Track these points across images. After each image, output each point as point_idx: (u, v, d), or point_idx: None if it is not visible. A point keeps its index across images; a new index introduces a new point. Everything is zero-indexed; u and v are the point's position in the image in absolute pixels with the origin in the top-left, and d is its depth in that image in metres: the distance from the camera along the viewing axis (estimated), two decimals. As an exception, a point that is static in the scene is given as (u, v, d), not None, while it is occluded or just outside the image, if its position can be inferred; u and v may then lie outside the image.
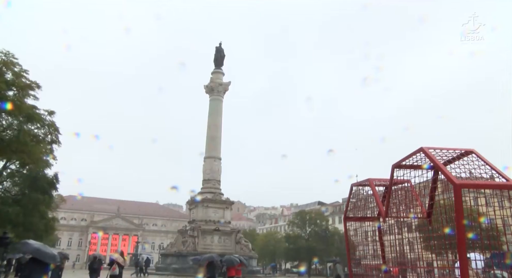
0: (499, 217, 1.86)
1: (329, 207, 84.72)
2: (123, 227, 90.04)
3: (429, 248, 2.65)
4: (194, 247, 39.76)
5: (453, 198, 1.63)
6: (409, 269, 3.00)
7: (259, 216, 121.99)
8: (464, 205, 1.69)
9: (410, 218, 2.69)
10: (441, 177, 2.07)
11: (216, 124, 47.92)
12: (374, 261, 3.08)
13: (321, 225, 59.67)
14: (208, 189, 45.27)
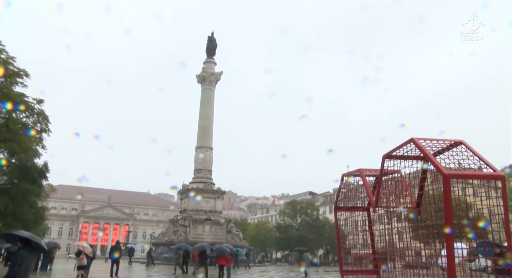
0: (486, 207, 1.90)
1: (320, 197, 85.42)
2: (114, 217, 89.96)
3: (417, 238, 2.70)
4: (185, 237, 39.94)
5: (442, 188, 1.66)
6: (397, 258, 3.06)
7: (251, 206, 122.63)
8: (452, 195, 1.72)
9: (399, 208, 2.73)
10: (430, 167, 2.10)
11: (207, 114, 47.80)
12: (364, 250, 3.13)
13: (312, 215, 60.21)
14: (200, 179, 45.34)
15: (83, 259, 13.26)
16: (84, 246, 13.67)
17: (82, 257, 13.26)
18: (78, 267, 13.34)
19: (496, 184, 1.83)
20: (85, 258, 13.42)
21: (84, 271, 13.50)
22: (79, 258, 13.33)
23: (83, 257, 13.27)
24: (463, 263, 3.12)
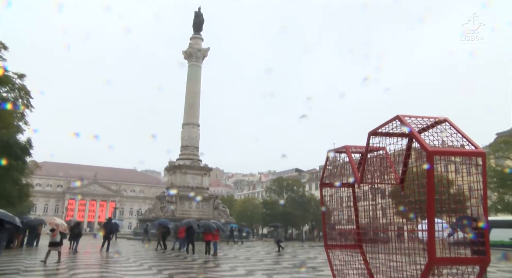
0: (466, 183, 1.96)
1: (306, 174, 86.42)
2: (100, 193, 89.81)
3: (400, 213, 2.78)
4: (172, 213, 40.23)
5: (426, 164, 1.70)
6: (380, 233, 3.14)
7: (237, 183, 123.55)
8: (435, 172, 1.76)
9: (384, 184, 2.79)
10: (415, 144, 2.14)
11: (194, 91, 47.33)
12: (349, 225, 3.21)
13: (298, 191, 61.07)
14: (187, 156, 45.34)
15: (56, 235, 13.08)
16: (57, 223, 13.45)
17: (56, 233, 13.07)
18: (51, 244, 13.05)
19: (477, 160, 1.87)
20: (59, 234, 13.25)
21: (59, 247, 13.33)
22: (52, 234, 13.12)
23: (56, 234, 13.08)
24: (442, 237, 3.22)
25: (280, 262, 15.81)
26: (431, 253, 1.70)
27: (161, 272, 11.39)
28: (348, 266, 3.01)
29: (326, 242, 3.02)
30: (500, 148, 34.92)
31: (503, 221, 33.24)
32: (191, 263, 14.96)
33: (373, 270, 2.80)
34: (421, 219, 2.13)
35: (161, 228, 23.55)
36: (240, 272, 11.74)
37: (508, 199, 33.65)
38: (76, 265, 13.35)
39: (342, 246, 3.14)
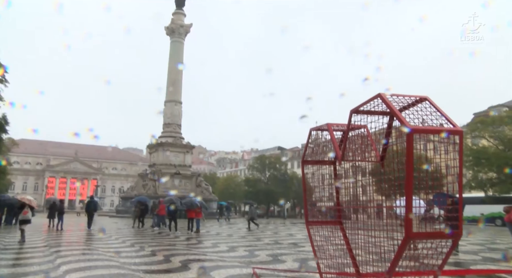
0: (444, 161, 2.01)
1: (288, 152, 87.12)
2: (81, 171, 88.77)
3: (380, 191, 2.84)
4: (154, 190, 40.24)
5: (405, 143, 1.74)
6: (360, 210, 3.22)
7: (220, 161, 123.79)
8: (414, 150, 1.80)
9: (364, 162, 2.84)
10: (396, 123, 2.17)
11: (176, 68, 46.57)
12: (330, 202, 3.27)
13: (280, 169, 61.66)
14: (169, 133, 45.03)
15: (27, 213, 12.70)
16: (30, 199, 13.17)
17: (27, 210, 12.71)
18: (22, 221, 12.70)
19: (454, 139, 1.92)
20: (30, 212, 12.86)
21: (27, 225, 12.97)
22: (23, 211, 12.71)
23: (28, 211, 12.72)
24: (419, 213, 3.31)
25: (262, 239, 16.10)
26: (408, 228, 1.76)
27: (143, 249, 11.46)
28: (328, 242, 3.09)
29: (307, 218, 3.08)
30: (476, 127, 35.78)
31: (476, 197, 34.54)
32: (174, 240, 15.09)
33: (352, 246, 2.88)
34: (400, 196, 2.19)
35: (139, 205, 23.47)
36: (222, 249, 11.92)
37: (482, 177, 34.79)
38: (57, 243, 13.30)
39: (322, 222, 3.21)
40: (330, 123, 2.80)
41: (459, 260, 9.97)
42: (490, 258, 10.69)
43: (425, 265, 2.17)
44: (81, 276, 6.79)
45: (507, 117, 34.81)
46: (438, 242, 2.06)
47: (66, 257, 9.23)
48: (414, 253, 2.33)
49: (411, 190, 1.78)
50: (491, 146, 34.75)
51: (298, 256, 10.15)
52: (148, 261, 9.13)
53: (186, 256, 10.03)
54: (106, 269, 7.60)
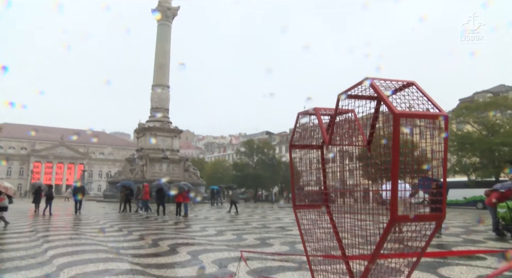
0: (429, 145, 2.04)
1: (276, 136, 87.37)
2: (68, 156, 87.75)
3: (366, 175, 2.88)
4: (142, 175, 40.08)
5: (392, 127, 1.75)
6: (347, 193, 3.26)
7: (208, 145, 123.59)
8: (401, 136, 1.82)
9: (352, 146, 2.86)
10: (383, 107, 2.18)
11: (164, 51, 45.88)
12: (317, 187, 3.31)
13: (268, 154, 61.86)
14: (156, 118, 44.63)
15: (3, 199, 12.63)
16: (6, 186, 13.04)
17: (3, 197, 12.63)
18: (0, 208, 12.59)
19: (440, 123, 1.95)
20: (7, 198, 12.80)
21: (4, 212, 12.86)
22: (0, 198, 12.62)
23: (4, 198, 12.65)
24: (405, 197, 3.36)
25: (250, 223, 16.25)
26: (393, 211, 1.79)
27: (131, 233, 11.47)
28: (315, 226, 3.12)
29: (294, 202, 3.11)
30: (461, 113, 36.32)
31: (459, 182, 35.31)
32: (162, 224, 15.13)
33: (339, 229, 2.92)
34: (386, 180, 2.22)
35: (124, 190, 23.38)
36: (210, 233, 12.01)
37: (466, 162, 35.50)
38: (44, 228, 13.22)
39: (309, 206, 3.24)
40: (317, 107, 2.80)
41: (442, 242, 10.23)
42: (471, 239, 10.99)
43: (409, 247, 2.22)
44: (69, 260, 6.78)
45: (491, 103, 35.39)
46: (422, 225, 2.10)
47: (53, 242, 9.20)
48: (399, 235, 2.38)
49: (397, 174, 1.80)
50: (475, 132, 35.39)
51: (286, 240, 10.29)
52: (136, 245, 9.15)
53: (174, 240, 10.08)
54: (94, 253, 7.60)
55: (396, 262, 2.41)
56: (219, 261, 6.97)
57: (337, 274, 2.88)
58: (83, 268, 6.13)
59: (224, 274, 5.82)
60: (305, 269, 5.85)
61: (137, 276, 5.68)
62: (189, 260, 7.06)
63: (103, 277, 5.54)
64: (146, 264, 6.67)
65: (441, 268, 6.47)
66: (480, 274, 6.06)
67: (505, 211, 11.19)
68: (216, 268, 6.34)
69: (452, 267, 6.57)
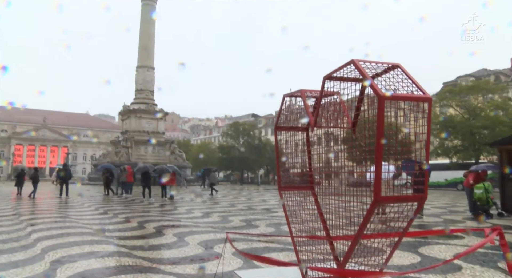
0: (413, 127, 2.06)
1: (262, 119, 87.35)
2: (51, 139, 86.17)
3: (351, 158, 2.90)
4: (127, 158, 39.79)
5: (377, 109, 1.76)
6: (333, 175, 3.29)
7: (194, 128, 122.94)
8: (386, 118, 1.83)
9: (337, 128, 2.88)
10: (368, 89, 2.19)
11: (148, 32, 44.97)
12: (302, 169, 3.33)
13: (254, 136, 61.93)
14: (141, 100, 44.07)
15: None
16: None
17: None
18: None
19: (424, 106, 1.96)
20: None
21: None
22: None
23: None
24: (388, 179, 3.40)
25: (236, 205, 16.36)
26: (377, 192, 1.81)
27: (117, 216, 11.44)
28: (300, 207, 3.15)
29: (279, 184, 3.13)
30: (445, 96, 36.79)
31: (441, 164, 36.07)
32: (148, 206, 15.12)
33: (323, 210, 2.96)
34: (370, 162, 2.24)
35: (105, 173, 23.22)
36: (196, 215, 12.06)
37: (448, 145, 36.18)
38: (27, 211, 13.07)
39: (294, 187, 3.26)
40: (303, 89, 2.79)
41: (423, 223, 10.50)
42: (451, 219, 11.31)
43: (391, 228, 2.26)
44: (53, 243, 6.74)
45: (473, 86, 35.91)
46: (404, 206, 2.14)
47: (37, 225, 9.11)
48: (382, 216, 2.42)
49: (381, 156, 1.81)
50: (458, 115, 35.97)
51: (271, 221, 10.41)
52: (122, 227, 9.15)
53: (160, 222, 10.10)
54: (79, 236, 7.57)
55: (379, 242, 2.46)
56: (205, 242, 7.02)
57: (322, 254, 2.93)
58: (68, 250, 6.10)
59: (210, 256, 5.88)
60: (290, 250, 5.94)
61: (123, 258, 5.69)
62: (175, 242, 7.10)
63: (88, 259, 5.53)
64: (132, 246, 6.68)
65: (421, 247, 6.66)
66: (457, 252, 6.26)
67: (482, 192, 11.52)
68: (202, 249, 6.40)
69: (432, 246, 6.77)
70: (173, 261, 5.53)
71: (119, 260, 5.55)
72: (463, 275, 4.86)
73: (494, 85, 37.62)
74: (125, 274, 4.73)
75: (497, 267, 5.30)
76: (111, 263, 5.38)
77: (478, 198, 11.61)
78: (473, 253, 5.86)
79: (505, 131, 29.05)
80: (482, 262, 5.57)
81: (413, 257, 5.88)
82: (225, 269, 4.65)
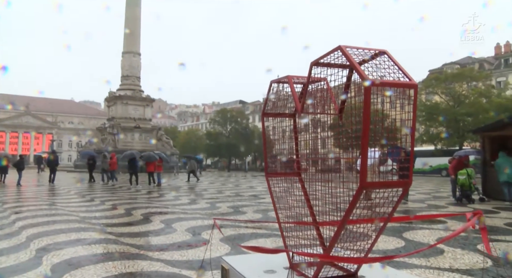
0: (399, 114, 2.07)
1: (250, 106, 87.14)
2: (34, 125, 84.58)
3: (338, 144, 2.92)
4: (114, 144, 39.39)
5: (363, 95, 1.76)
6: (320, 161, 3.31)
7: (181, 114, 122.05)
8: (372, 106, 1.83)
9: (324, 114, 2.88)
10: (355, 76, 2.19)
11: (134, 16, 44.08)
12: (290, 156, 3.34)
13: (241, 123, 61.84)
14: (128, 86, 43.46)
15: None
16: None
17: None
18: None
19: (409, 92, 1.97)
20: None
21: None
22: None
23: None
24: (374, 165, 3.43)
25: (223, 191, 16.41)
26: (363, 178, 1.82)
27: (103, 203, 11.38)
28: (287, 193, 3.17)
29: (266, 171, 3.13)
30: (431, 84, 37.16)
31: (426, 150, 36.66)
32: (135, 194, 15.06)
33: (310, 197, 2.98)
34: (356, 148, 2.25)
35: (87, 160, 22.94)
36: (184, 201, 12.07)
37: (433, 132, 36.71)
38: (12, 199, 12.90)
39: (282, 174, 3.27)
40: (290, 75, 2.78)
41: (408, 208, 10.71)
42: (434, 205, 11.55)
43: (377, 213, 2.29)
44: (39, 231, 6.68)
45: (458, 74, 36.32)
46: (389, 191, 2.16)
47: (22, 213, 9.01)
48: (368, 202, 2.45)
49: (367, 142, 1.82)
50: (443, 102, 36.43)
51: (259, 208, 10.48)
52: (109, 214, 9.11)
53: (147, 209, 10.09)
54: (65, 223, 7.51)
55: (365, 227, 2.50)
56: (192, 229, 7.05)
57: (308, 239, 2.97)
58: (54, 238, 6.06)
59: (198, 242, 5.91)
60: (277, 235, 6.01)
61: (110, 245, 5.68)
62: (163, 229, 7.11)
63: (75, 246, 5.51)
64: (119, 233, 6.67)
65: (406, 232, 6.80)
66: (440, 236, 6.41)
67: (465, 178, 11.80)
68: (189, 236, 6.42)
69: (416, 231, 6.92)
70: (161, 247, 5.54)
71: (106, 247, 5.54)
72: (444, 258, 4.99)
73: (478, 73, 38.12)
74: (113, 261, 4.73)
75: (477, 249, 5.45)
76: (98, 250, 5.37)
77: (462, 184, 11.88)
78: (455, 237, 6.01)
79: (487, 118, 29.58)
80: (463, 245, 5.72)
81: (397, 242, 6.00)
82: (213, 255, 4.68)
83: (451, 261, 4.82)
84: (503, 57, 51.92)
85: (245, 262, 2.80)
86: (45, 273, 4.22)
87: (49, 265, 4.54)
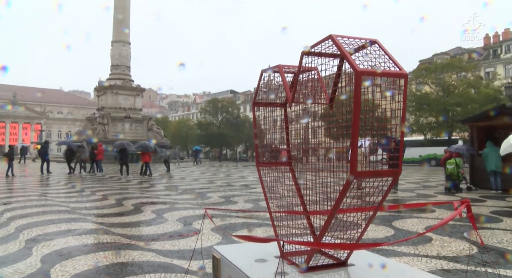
0: (389, 103, 2.08)
1: (241, 95, 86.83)
2: (22, 115, 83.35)
3: (329, 135, 2.92)
4: (104, 135, 39.08)
5: (354, 85, 1.76)
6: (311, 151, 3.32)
7: (172, 104, 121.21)
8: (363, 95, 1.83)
9: (314, 104, 2.88)
10: (346, 65, 2.18)
11: (123, 5, 43.38)
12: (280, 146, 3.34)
13: (232, 113, 61.64)
14: (117, 76, 42.98)
15: None
16: None
17: None
18: None
19: (400, 82, 1.97)
20: None
21: None
22: None
23: None
24: (364, 154, 3.47)
25: (214, 181, 16.42)
26: (353, 167, 1.83)
27: (94, 194, 11.32)
28: (278, 183, 3.18)
29: (257, 160, 3.13)
30: (421, 74, 37.33)
31: (416, 140, 37.00)
32: (126, 184, 15.00)
33: (301, 186, 2.99)
34: (347, 138, 2.26)
35: (66, 151, 22.67)
36: (174, 192, 12.06)
37: (423, 122, 37.01)
38: (0, 190, 12.76)
39: (272, 163, 3.28)
40: (281, 65, 2.76)
41: (397, 197, 10.84)
42: (423, 194, 11.71)
43: (367, 202, 2.31)
44: (29, 222, 6.63)
45: (448, 64, 36.53)
46: (379, 181, 2.18)
47: (10, 204, 8.93)
48: (358, 192, 2.47)
49: (357, 131, 1.83)
50: (433, 92, 36.69)
51: (250, 197, 10.52)
52: (99, 205, 9.07)
53: (138, 199, 10.06)
54: (55, 214, 7.47)
55: (355, 216, 2.52)
56: (184, 219, 7.06)
57: (299, 229, 2.99)
58: (44, 229, 6.03)
59: (189, 232, 5.92)
60: (268, 225, 6.05)
61: (101, 235, 5.67)
62: (154, 219, 7.10)
63: (66, 237, 5.48)
64: (110, 223, 6.65)
65: (395, 221, 6.89)
66: (428, 225, 6.51)
67: (453, 167, 11.99)
68: (181, 225, 6.43)
69: (405, 220, 7.01)
70: (152, 237, 5.55)
71: (97, 238, 5.53)
72: (432, 246, 5.08)
73: (467, 63, 38.38)
74: (104, 251, 4.72)
75: (463, 237, 5.56)
76: (89, 240, 5.36)
77: (450, 173, 12.07)
78: (442, 226, 6.11)
79: (476, 109, 29.89)
80: (450, 233, 5.82)
81: (387, 231, 6.08)
82: (204, 244, 4.70)
83: (438, 249, 4.91)
84: (492, 47, 52.29)
85: (236, 251, 2.81)
86: (35, 264, 4.20)
87: (39, 256, 4.52)
